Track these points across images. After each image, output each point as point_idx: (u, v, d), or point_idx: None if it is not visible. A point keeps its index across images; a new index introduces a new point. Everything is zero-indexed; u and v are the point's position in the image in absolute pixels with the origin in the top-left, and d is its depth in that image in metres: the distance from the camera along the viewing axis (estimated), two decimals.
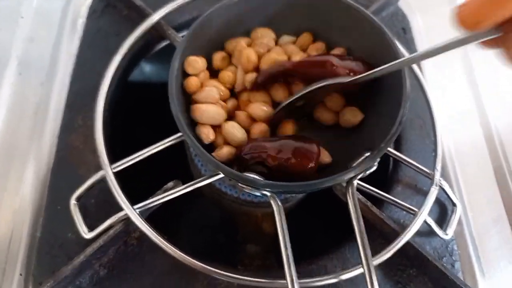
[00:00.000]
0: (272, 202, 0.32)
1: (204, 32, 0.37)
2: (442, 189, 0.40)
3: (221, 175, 0.34)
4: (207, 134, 0.35)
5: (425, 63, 0.50)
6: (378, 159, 0.32)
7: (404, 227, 0.37)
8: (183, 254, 0.34)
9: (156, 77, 0.51)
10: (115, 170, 0.36)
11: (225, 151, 0.34)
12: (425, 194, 0.42)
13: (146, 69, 0.49)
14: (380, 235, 0.39)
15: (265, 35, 0.39)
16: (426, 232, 0.40)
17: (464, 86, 0.51)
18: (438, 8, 0.55)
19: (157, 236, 0.33)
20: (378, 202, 0.39)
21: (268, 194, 0.32)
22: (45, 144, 0.42)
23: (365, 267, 0.31)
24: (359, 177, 0.32)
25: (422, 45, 0.51)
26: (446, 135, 0.47)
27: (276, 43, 0.40)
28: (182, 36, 0.43)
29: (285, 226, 0.31)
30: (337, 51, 0.38)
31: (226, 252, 0.44)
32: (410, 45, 0.50)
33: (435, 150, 0.41)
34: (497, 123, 0.48)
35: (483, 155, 0.47)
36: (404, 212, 0.40)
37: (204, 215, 0.47)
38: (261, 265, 0.44)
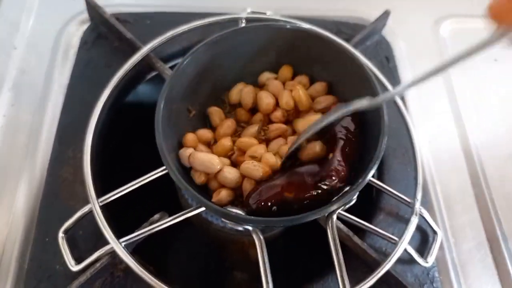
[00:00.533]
0: (254, 236, 0.33)
1: (185, 74, 0.38)
2: (422, 217, 0.41)
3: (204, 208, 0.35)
4: (199, 177, 0.36)
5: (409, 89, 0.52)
6: (357, 194, 0.33)
7: (386, 256, 0.38)
8: (165, 287, 0.34)
9: (145, 105, 0.52)
10: (102, 204, 0.36)
11: (224, 195, 0.35)
12: (406, 221, 0.43)
13: (136, 98, 0.50)
14: (363, 263, 0.39)
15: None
16: (407, 260, 0.41)
17: (445, 110, 0.52)
18: (422, 35, 0.57)
19: (142, 270, 0.34)
20: (360, 230, 0.40)
21: (250, 228, 0.33)
22: (35, 176, 0.43)
23: None
24: (338, 210, 0.33)
25: (404, 73, 0.52)
26: (427, 161, 0.48)
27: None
28: (170, 67, 0.45)
29: (266, 259, 0.32)
30: (319, 85, 0.40)
31: (214, 279, 0.45)
32: (393, 73, 0.51)
33: (415, 179, 0.42)
34: (479, 148, 0.50)
35: (464, 180, 0.48)
36: (386, 241, 0.41)
37: (192, 243, 0.48)
38: None
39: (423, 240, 0.42)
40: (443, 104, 0.52)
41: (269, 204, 0.32)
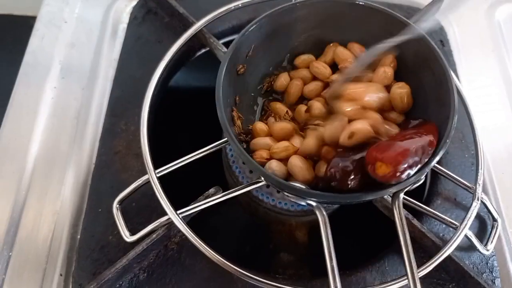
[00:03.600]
0: (317, 212, 0.32)
1: (246, 43, 0.38)
2: (482, 203, 0.40)
3: (262, 183, 0.34)
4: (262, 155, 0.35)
5: (463, 74, 0.50)
6: (426, 173, 0.31)
7: (444, 241, 0.37)
8: (224, 260, 0.34)
9: (194, 82, 0.51)
10: (158, 175, 0.36)
11: (274, 165, 0.34)
12: (464, 207, 0.41)
13: (185, 75, 0.49)
14: (420, 248, 0.38)
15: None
16: (465, 247, 0.39)
17: (501, 98, 0.50)
18: (476, 19, 0.55)
19: (200, 242, 0.34)
20: (417, 215, 0.39)
21: (314, 204, 0.32)
22: (85, 148, 0.43)
23: (411, 280, 0.30)
24: (405, 190, 0.32)
25: (459, 57, 0.51)
26: (483, 148, 0.46)
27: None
28: (223, 44, 0.44)
29: (330, 237, 0.31)
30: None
31: (260, 260, 0.44)
32: (448, 57, 0.50)
33: (476, 164, 0.40)
34: None
35: None
36: (443, 225, 0.40)
37: (238, 221, 0.47)
38: (294, 274, 0.44)
39: (481, 227, 0.41)
40: (498, 90, 0.50)
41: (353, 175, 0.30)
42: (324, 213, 0.32)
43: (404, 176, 0.29)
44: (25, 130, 0.43)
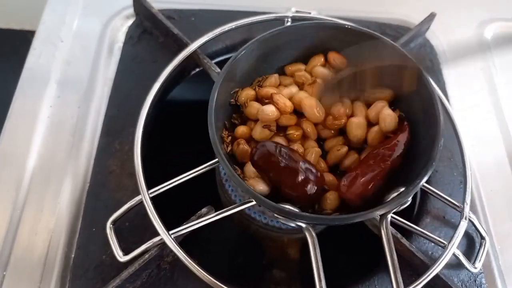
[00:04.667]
0: (306, 233, 0.32)
1: (238, 66, 0.39)
2: (470, 221, 0.41)
3: (254, 202, 0.35)
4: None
5: (452, 92, 0.51)
6: (413, 194, 0.32)
7: (433, 260, 0.37)
8: (215, 280, 0.34)
9: (188, 101, 0.52)
10: (151, 195, 0.37)
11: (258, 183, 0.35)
12: (452, 225, 0.42)
13: (179, 93, 0.50)
14: (408, 267, 0.39)
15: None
16: (454, 264, 0.40)
17: (489, 114, 0.51)
18: (464, 38, 0.56)
19: (191, 262, 0.34)
20: (406, 233, 0.40)
21: (303, 225, 0.33)
22: (81, 166, 0.43)
23: None
24: (393, 211, 0.33)
25: (449, 75, 0.52)
26: (471, 166, 0.47)
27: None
28: (217, 63, 0.45)
29: (319, 258, 0.32)
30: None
31: (253, 277, 0.45)
32: (438, 76, 0.51)
33: (464, 183, 0.41)
34: None
35: (509, 186, 0.47)
36: (432, 244, 0.41)
37: (231, 238, 0.47)
38: None
39: (469, 245, 0.42)
40: (486, 107, 0.51)
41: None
42: (314, 234, 0.33)
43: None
44: (21, 148, 0.43)
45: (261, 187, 0.34)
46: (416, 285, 0.35)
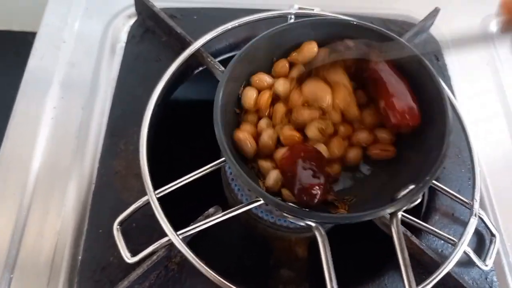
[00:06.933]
0: (316, 232, 0.32)
1: (245, 62, 0.38)
2: (480, 219, 0.40)
3: (261, 202, 0.34)
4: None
5: (458, 88, 0.51)
6: (423, 192, 0.32)
7: (443, 257, 0.37)
8: (223, 280, 0.34)
9: (193, 100, 0.52)
10: (158, 196, 0.36)
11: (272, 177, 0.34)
12: (462, 223, 0.42)
13: (184, 92, 0.50)
14: (419, 265, 0.38)
15: None
16: (464, 262, 0.40)
17: (497, 111, 0.51)
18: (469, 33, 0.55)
19: (199, 262, 0.34)
20: (416, 231, 0.39)
21: (313, 224, 0.32)
22: (86, 167, 0.43)
23: None
24: (403, 209, 0.32)
25: (454, 71, 0.51)
26: (479, 163, 0.47)
27: None
28: (220, 61, 0.44)
29: (330, 258, 0.31)
30: None
31: (261, 276, 0.45)
32: (443, 71, 0.50)
33: (472, 180, 0.40)
34: None
35: None
36: (442, 241, 0.40)
37: (238, 238, 0.47)
38: None
39: (479, 242, 0.41)
40: (493, 102, 0.51)
41: None
42: (323, 233, 0.32)
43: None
44: (26, 150, 0.43)
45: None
46: (428, 283, 0.35)
